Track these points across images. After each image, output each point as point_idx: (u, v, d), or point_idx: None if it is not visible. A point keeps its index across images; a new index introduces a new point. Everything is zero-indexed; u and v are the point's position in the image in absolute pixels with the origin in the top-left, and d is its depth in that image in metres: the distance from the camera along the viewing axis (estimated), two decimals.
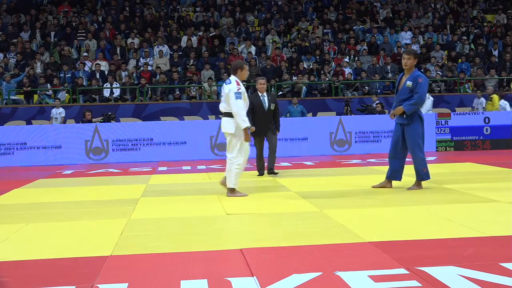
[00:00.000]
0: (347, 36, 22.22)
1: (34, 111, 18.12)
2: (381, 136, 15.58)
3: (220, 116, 8.48)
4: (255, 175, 10.86)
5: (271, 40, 21.86)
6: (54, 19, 22.59)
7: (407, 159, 8.52)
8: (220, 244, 5.16)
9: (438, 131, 15.75)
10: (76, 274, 4.35)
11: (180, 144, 15.30)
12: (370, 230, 5.59)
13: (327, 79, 19.54)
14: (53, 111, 16.98)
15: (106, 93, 18.96)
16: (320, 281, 3.93)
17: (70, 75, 19.32)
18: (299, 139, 15.44)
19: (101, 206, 7.69)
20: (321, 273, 4.10)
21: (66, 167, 13.91)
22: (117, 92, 19.04)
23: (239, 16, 23.35)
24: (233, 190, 8.17)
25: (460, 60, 20.91)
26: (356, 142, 15.56)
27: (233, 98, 7.89)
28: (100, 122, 16.00)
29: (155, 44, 21.23)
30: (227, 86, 8.05)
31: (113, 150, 15.15)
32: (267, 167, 10.95)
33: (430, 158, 12.88)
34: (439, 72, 20.01)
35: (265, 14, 23.55)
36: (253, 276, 4.09)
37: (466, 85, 19.93)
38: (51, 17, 22.85)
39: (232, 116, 7.96)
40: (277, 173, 10.87)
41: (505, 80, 20.32)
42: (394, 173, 8.43)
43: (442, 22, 23.68)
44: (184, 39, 21.56)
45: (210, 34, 22.01)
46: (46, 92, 18.77)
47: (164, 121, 16.67)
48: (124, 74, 19.49)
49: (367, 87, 19.69)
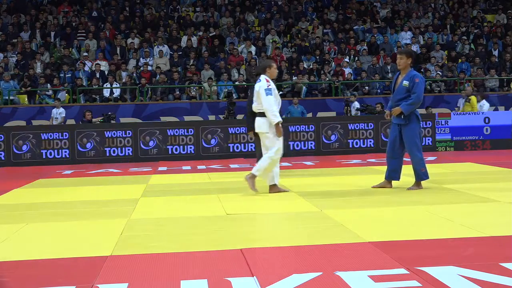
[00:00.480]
0: (347, 36, 22.20)
1: (34, 111, 18.12)
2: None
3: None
4: None
5: (271, 40, 21.85)
6: (54, 19, 22.58)
7: (406, 159, 8.52)
8: (220, 244, 5.15)
9: (438, 131, 15.76)
10: (76, 274, 4.34)
11: None
12: (370, 230, 5.58)
13: (327, 79, 19.54)
14: (53, 111, 16.99)
15: (106, 93, 18.96)
16: (320, 281, 3.93)
17: (70, 75, 19.32)
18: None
19: (101, 206, 7.70)
20: (321, 273, 4.09)
21: (67, 167, 13.91)
22: (117, 92, 19.04)
23: (239, 16, 23.34)
24: (274, 187, 8.20)
25: (460, 60, 20.89)
26: None
27: (264, 95, 7.92)
28: (100, 122, 16.00)
29: (155, 44, 21.22)
30: (258, 84, 8.09)
31: None
32: None
33: (430, 158, 12.88)
34: (439, 72, 19.99)
35: (265, 14, 23.54)
36: (253, 276, 4.08)
37: (466, 85, 19.91)
38: (51, 17, 22.84)
39: (265, 116, 7.97)
40: None
41: (505, 80, 20.31)
42: (392, 173, 8.42)
43: (442, 22, 23.67)
44: (184, 39, 21.56)
45: (210, 34, 22.00)
46: (46, 92, 18.77)
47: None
48: (124, 74, 19.49)
49: (367, 87, 19.69)
